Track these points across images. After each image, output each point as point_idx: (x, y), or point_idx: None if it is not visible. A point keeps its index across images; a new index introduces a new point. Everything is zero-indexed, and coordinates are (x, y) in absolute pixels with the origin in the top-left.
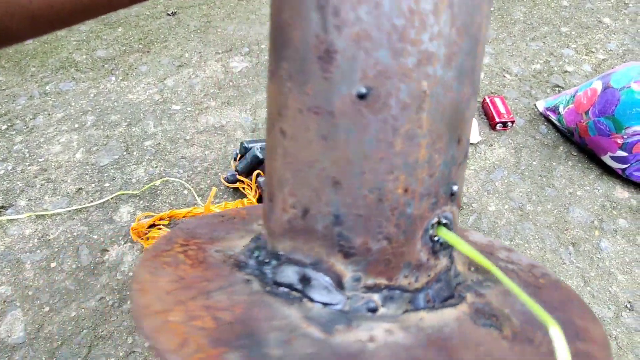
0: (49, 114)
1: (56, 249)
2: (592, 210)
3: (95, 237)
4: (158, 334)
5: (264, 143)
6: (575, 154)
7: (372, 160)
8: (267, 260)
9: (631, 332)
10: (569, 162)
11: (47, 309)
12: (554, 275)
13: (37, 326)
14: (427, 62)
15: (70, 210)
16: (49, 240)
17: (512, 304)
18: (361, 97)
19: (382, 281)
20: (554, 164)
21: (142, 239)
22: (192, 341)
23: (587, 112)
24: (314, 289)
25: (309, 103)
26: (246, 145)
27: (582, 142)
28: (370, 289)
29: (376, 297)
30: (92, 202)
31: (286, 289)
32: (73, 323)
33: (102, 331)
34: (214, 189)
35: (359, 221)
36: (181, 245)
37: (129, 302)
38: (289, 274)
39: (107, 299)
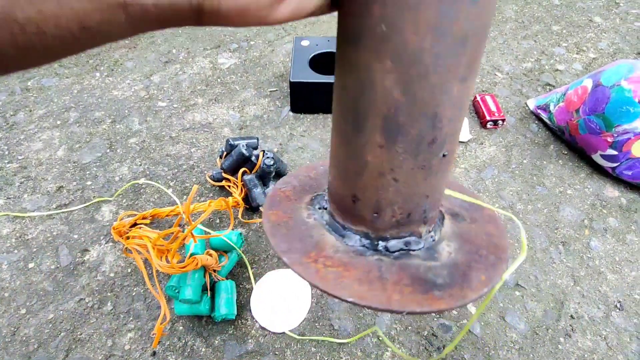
0: (30, 110)
1: (34, 249)
2: (582, 209)
3: (75, 236)
4: (427, 308)
5: (251, 140)
6: (565, 152)
7: (442, 182)
8: (375, 243)
9: (621, 332)
10: (560, 161)
11: (23, 311)
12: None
13: (12, 329)
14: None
15: (51, 209)
16: (27, 240)
17: (452, 205)
18: (444, 156)
19: (433, 226)
20: (545, 162)
21: (122, 238)
22: (433, 300)
23: (577, 111)
24: (412, 245)
25: (420, 164)
26: (232, 143)
27: (572, 140)
28: (429, 231)
29: (432, 233)
30: (72, 200)
31: (397, 252)
32: (50, 326)
33: (81, 334)
34: (195, 187)
35: (433, 208)
36: (314, 261)
37: (108, 304)
38: (397, 244)
39: (87, 301)
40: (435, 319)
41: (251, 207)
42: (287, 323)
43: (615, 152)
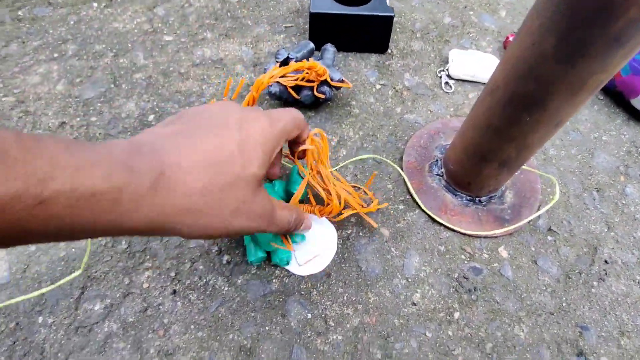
0: (24, 42)
1: None
2: (617, 156)
3: None
4: (503, 232)
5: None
6: (601, 98)
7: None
8: (474, 199)
9: None
10: (595, 107)
11: (33, 248)
12: None
13: (22, 266)
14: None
15: None
16: None
17: None
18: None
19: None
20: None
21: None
22: (504, 228)
23: None
24: (493, 197)
25: (511, 174)
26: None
27: (611, 84)
28: (501, 188)
29: (502, 188)
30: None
31: (485, 202)
32: (63, 263)
33: (96, 272)
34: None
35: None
36: (445, 213)
37: (123, 243)
38: (485, 198)
39: (100, 239)
40: (466, 262)
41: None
42: (313, 267)
43: None
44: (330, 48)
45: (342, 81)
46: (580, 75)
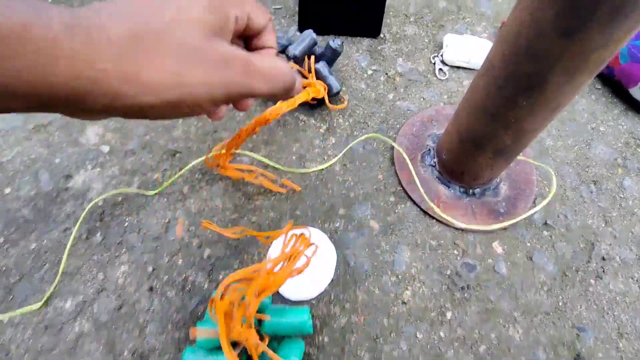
0: None
1: (11, 173)
2: (615, 147)
3: (57, 160)
4: (497, 226)
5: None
6: (599, 87)
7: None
8: (468, 190)
9: None
10: (592, 96)
11: (0, 240)
12: None
13: None
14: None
15: (28, 130)
16: (2, 163)
17: None
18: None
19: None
20: (577, 97)
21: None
22: (499, 222)
23: None
24: (487, 189)
25: (507, 163)
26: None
27: (609, 72)
28: (496, 180)
29: (497, 179)
30: (51, 121)
31: (479, 194)
32: (33, 256)
33: (69, 266)
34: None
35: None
36: (437, 205)
37: (98, 235)
38: (479, 190)
39: (73, 230)
40: (459, 258)
41: (329, 96)
42: (308, 291)
43: None
44: (337, 46)
45: (338, 94)
46: (580, 51)
